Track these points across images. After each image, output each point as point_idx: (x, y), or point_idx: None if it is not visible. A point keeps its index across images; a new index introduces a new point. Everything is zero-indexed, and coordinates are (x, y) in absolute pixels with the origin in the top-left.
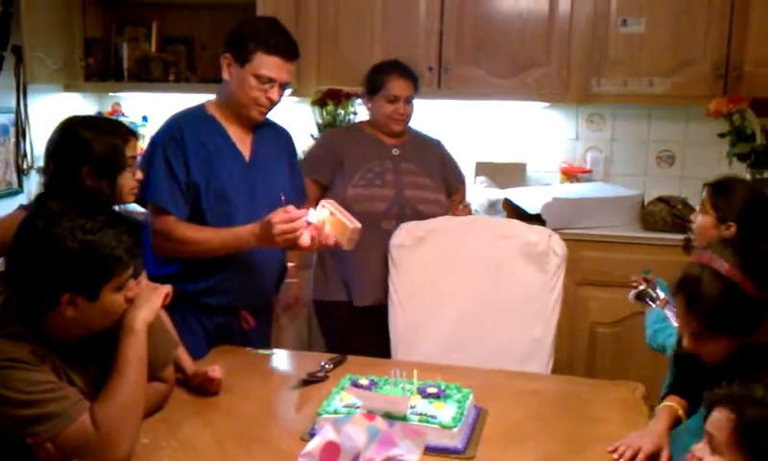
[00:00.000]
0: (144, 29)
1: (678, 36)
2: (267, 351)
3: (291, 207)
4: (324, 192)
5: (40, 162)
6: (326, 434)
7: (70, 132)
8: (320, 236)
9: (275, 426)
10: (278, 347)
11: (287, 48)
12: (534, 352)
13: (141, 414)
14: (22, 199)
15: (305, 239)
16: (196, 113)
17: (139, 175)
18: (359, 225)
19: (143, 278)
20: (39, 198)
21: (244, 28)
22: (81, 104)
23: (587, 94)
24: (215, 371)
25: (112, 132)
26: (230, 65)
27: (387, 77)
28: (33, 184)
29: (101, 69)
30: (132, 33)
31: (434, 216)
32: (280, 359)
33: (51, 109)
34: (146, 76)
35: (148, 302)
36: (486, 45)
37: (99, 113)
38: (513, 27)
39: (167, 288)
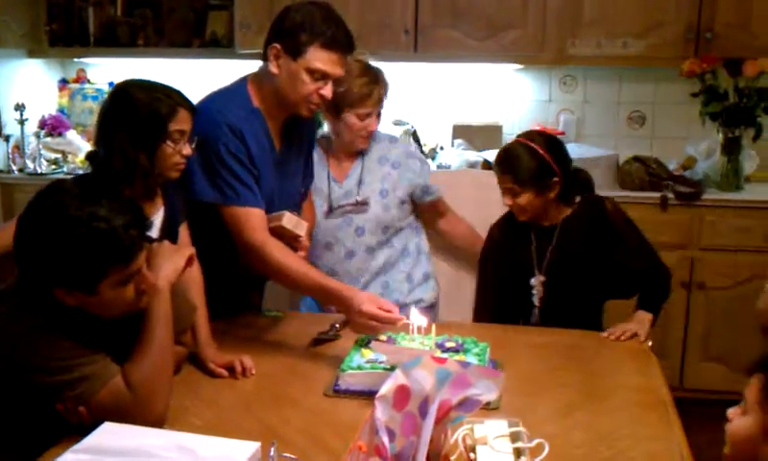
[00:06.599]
0: None
1: None
2: (276, 313)
3: (392, 308)
4: None
5: (7, 130)
6: (397, 378)
7: (118, 94)
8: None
9: (296, 384)
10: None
11: (344, 41)
12: None
13: (172, 373)
14: None
15: None
16: (245, 107)
17: (187, 150)
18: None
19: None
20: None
21: (295, 16)
22: (44, 70)
23: (562, 55)
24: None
25: (160, 100)
26: (279, 57)
27: None
28: (1, 152)
29: (65, 34)
30: None
31: None
32: (289, 321)
33: (14, 75)
34: (112, 41)
35: (170, 261)
36: (462, 7)
37: (63, 80)
38: None
39: (190, 250)
